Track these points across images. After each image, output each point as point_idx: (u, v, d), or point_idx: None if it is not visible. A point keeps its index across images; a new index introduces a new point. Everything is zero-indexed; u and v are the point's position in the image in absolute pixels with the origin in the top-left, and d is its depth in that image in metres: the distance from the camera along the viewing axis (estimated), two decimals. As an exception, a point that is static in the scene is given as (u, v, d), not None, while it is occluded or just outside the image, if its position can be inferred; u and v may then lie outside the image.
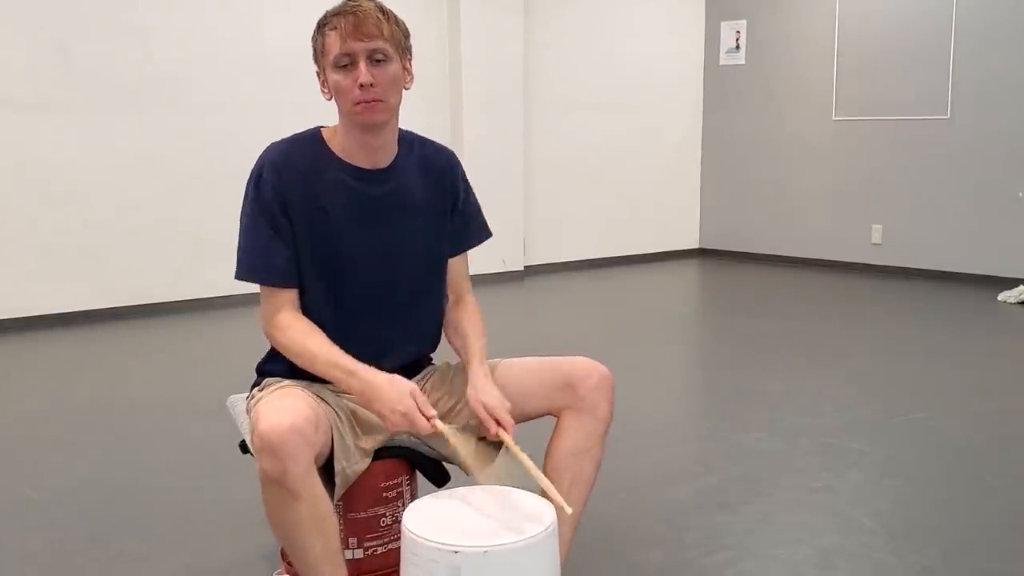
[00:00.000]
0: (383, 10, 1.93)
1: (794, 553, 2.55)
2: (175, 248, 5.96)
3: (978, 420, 3.77)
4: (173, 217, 5.93)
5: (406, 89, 1.99)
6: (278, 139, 2.01)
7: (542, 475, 1.83)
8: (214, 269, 6.00)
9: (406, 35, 1.98)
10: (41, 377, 4.59)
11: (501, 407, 1.92)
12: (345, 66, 1.89)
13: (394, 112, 1.96)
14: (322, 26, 1.93)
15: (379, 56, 1.89)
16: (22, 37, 5.38)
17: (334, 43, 1.89)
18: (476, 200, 2.22)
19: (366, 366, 1.88)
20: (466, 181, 2.18)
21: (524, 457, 1.83)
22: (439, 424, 1.84)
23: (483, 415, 1.92)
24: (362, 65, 1.88)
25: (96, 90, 5.62)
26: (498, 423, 1.91)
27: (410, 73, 2.00)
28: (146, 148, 5.80)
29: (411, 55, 2.01)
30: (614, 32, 7.86)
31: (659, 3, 8.15)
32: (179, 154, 5.92)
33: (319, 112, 2.02)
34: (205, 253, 5.99)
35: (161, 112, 5.83)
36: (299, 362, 1.93)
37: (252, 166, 1.99)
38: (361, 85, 1.87)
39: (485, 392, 1.95)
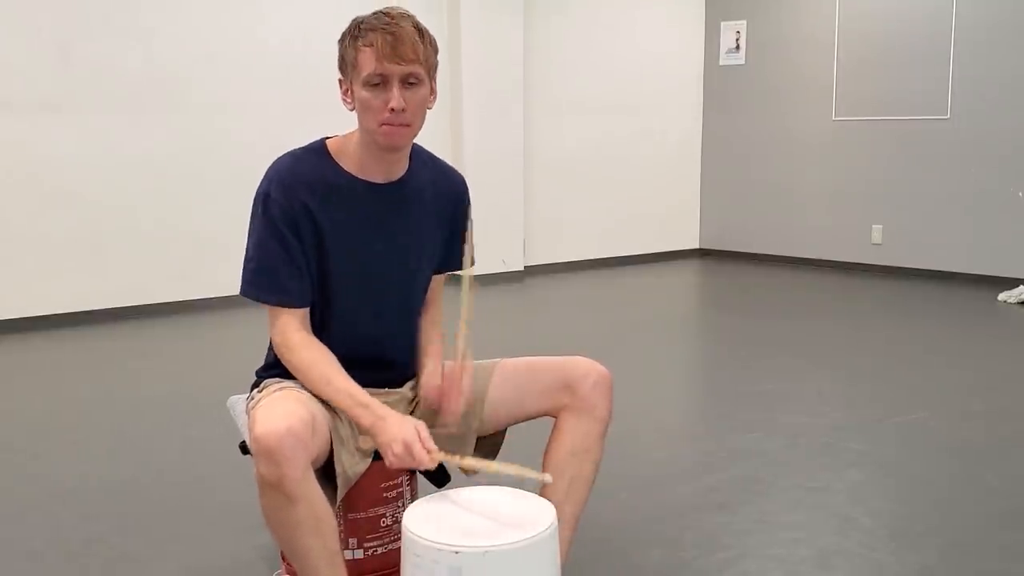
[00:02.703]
0: (420, 30, 1.89)
1: (793, 553, 2.55)
2: (175, 248, 5.96)
3: (978, 420, 3.77)
4: (173, 217, 5.93)
5: (429, 109, 1.96)
6: (283, 153, 2.00)
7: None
8: (214, 269, 6.01)
9: (436, 52, 1.95)
10: (41, 377, 4.60)
11: (454, 388, 1.98)
12: (376, 84, 1.85)
13: (416, 136, 1.96)
14: (356, 38, 1.86)
15: (412, 80, 1.86)
16: (22, 37, 5.39)
17: (368, 61, 1.84)
18: (471, 231, 2.20)
19: (378, 402, 1.86)
20: (470, 212, 2.16)
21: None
22: (439, 456, 1.81)
23: (434, 396, 2.01)
24: (396, 89, 1.84)
25: (96, 90, 5.62)
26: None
27: (434, 92, 1.96)
28: (146, 148, 5.81)
29: (436, 72, 1.97)
30: (614, 33, 7.86)
31: (659, 3, 8.15)
32: (179, 154, 5.92)
33: (317, 113, 2.03)
34: (205, 253, 6.00)
35: (161, 112, 5.84)
36: (311, 385, 1.91)
37: (248, 163, 2.01)
38: (392, 109, 1.84)
39: (437, 376, 2.05)
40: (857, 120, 7.52)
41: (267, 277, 1.93)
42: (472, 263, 2.23)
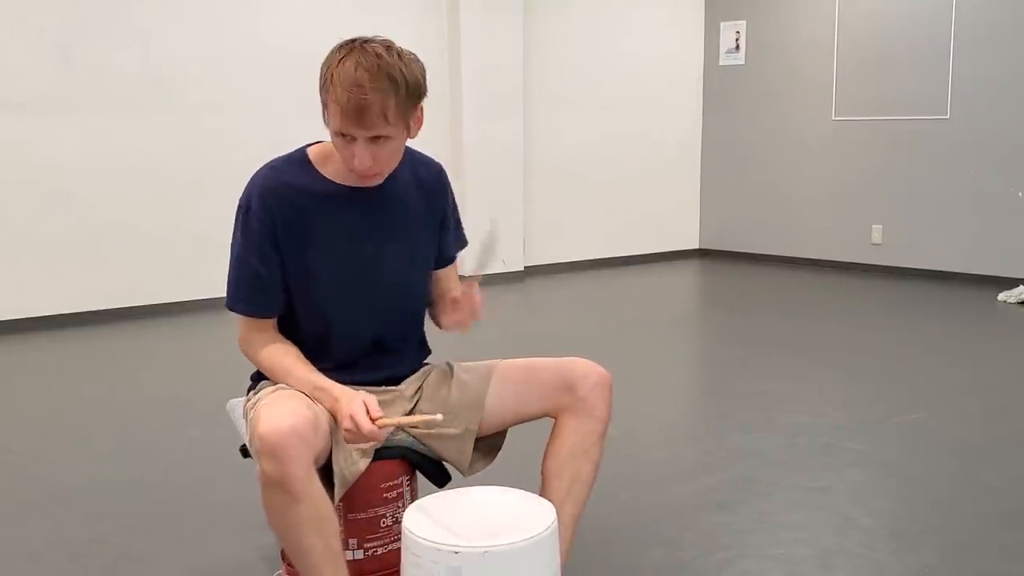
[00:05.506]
0: (393, 82, 1.77)
1: (793, 553, 2.56)
2: (175, 248, 5.96)
3: (978, 420, 3.77)
4: (173, 217, 5.93)
5: (411, 138, 1.94)
6: (263, 165, 1.99)
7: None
8: (214, 269, 5.99)
9: (416, 87, 1.83)
10: (41, 378, 4.60)
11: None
12: (344, 136, 1.83)
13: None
14: (329, 81, 1.79)
15: (379, 137, 1.83)
16: (22, 37, 5.39)
17: (335, 116, 1.80)
18: (458, 211, 2.24)
19: (335, 383, 1.90)
20: (452, 195, 2.20)
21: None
22: (386, 422, 1.83)
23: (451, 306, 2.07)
24: (359, 147, 1.82)
25: (96, 91, 5.63)
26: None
27: (419, 122, 1.92)
28: (145, 148, 5.81)
29: (422, 99, 1.89)
30: (613, 33, 7.87)
31: (659, 3, 8.15)
32: (178, 155, 5.92)
33: (315, 113, 2.02)
34: (205, 253, 6.00)
35: (160, 113, 5.84)
36: (275, 379, 1.97)
37: (247, 163, 2.01)
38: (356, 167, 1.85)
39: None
40: (857, 120, 7.53)
41: (242, 290, 1.99)
42: (465, 243, 2.29)
